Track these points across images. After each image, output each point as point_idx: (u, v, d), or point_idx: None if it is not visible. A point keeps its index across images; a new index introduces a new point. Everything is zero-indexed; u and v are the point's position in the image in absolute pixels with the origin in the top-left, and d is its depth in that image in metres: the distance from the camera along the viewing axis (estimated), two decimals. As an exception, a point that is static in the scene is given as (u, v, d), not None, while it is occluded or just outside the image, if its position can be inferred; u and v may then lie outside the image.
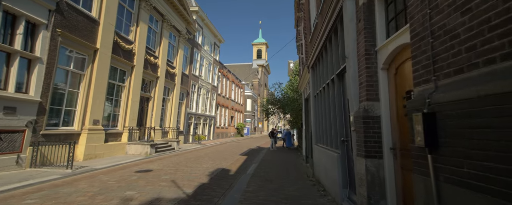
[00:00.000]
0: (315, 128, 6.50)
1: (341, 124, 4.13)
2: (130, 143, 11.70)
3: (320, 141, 5.88)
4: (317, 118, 6.22)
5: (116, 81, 11.44)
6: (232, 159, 10.71)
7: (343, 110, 4.14)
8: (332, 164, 4.33)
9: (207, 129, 24.90)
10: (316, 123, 6.46)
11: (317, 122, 6.25)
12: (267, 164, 9.19)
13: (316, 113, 6.44)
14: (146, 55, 13.54)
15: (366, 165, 2.69)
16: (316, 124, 6.46)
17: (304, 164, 9.31)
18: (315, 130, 6.46)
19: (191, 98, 21.23)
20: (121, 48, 11.43)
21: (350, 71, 3.24)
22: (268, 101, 18.39)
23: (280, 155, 12.93)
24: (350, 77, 3.21)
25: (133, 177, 6.46)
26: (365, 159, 2.72)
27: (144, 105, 14.00)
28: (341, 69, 3.98)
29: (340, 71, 4.07)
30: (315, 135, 6.45)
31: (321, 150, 5.49)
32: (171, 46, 16.97)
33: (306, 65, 7.07)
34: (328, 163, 4.66)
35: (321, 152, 5.45)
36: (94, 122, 9.73)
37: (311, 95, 6.96)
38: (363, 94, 2.88)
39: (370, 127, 2.75)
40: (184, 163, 9.13)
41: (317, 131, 6.33)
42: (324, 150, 5.13)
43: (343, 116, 4.11)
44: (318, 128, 6.14)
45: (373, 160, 2.69)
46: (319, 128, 6.02)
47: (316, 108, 6.34)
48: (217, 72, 27.91)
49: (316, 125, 6.45)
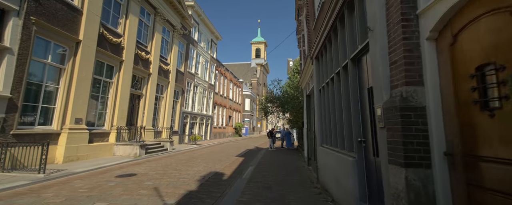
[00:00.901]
0: (320, 127, 5.67)
1: (357, 121, 3.31)
2: (118, 143, 10.84)
3: (327, 142, 5.05)
4: (323, 115, 5.40)
5: (103, 77, 10.57)
6: (227, 161, 9.87)
7: (359, 103, 3.32)
8: (344, 171, 3.51)
9: (203, 129, 24.04)
10: (321, 121, 5.63)
11: (323, 120, 5.42)
12: (265, 167, 8.36)
13: (321, 110, 5.61)
14: (137, 50, 12.68)
15: (406, 177, 1.87)
16: (321, 123, 5.63)
17: (306, 166, 8.48)
18: (320, 130, 5.63)
19: (187, 97, 20.37)
20: (108, 41, 10.57)
21: (375, 48, 2.43)
22: (266, 99, 17.50)
23: (279, 156, 12.10)
24: (376, 56, 2.40)
25: (110, 183, 5.61)
26: (404, 168, 1.90)
27: (135, 103, 13.14)
28: (358, 51, 3.16)
29: (357, 53, 3.26)
30: (320, 135, 5.62)
31: (329, 152, 4.66)
32: (164, 41, 16.11)
33: (309, 56, 6.25)
34: (338, 169, 3.83)
35: (329, 155, 4.63)
36: (77, 121, 8.87)
37: (314, 90, 6.13)
38: (399, 77, 2.06)
39: (412, 123, 1.93)
40: (174, 165, 8.28)
41: (322, 130, 5.50)
42: (333, 153, 4.30)
43: (359, 110, 3.29)
44: (324, 127, 5.31)
45: (418, 170, 1.87)
46: (326, 127, 5.19)
47: (321, 104, 5.51)
48: (214, 70, 27.06)
49: (321, 124, 5.62)
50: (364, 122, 3.15)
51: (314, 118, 7.50)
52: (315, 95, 5.97)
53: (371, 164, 2.99)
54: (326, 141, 5.16)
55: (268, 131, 16.88)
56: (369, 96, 2.95)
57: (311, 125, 8.33)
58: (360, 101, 3.28)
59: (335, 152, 4.15)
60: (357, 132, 3.18)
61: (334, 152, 4.27)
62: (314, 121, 7.50)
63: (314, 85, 6.14)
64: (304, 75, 8.72)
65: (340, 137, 3.98)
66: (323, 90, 5.39)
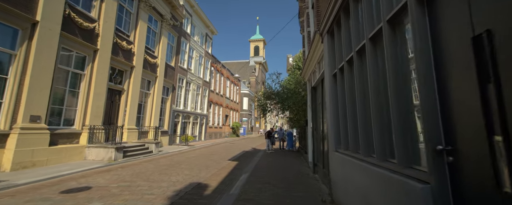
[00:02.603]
0: (333, 126, 4.13)
1: (432, 113, 1.72)
2: (91, 146, 9.28)
3: (348, 146, 3.51)
4: (340, 109, 3.86)
5: (71, 68, 9.00)
6: (217, 167, 8.32)
7: (434, 80, 1.74)
8: (396, 201, 1.96)
9: (198, 129, 22.47)
10: (335, 117, 4.10)
11: (340, 116, 3.88)
12: (261, 175, 6.83)
13: (336, 102, 4.08)
14: (116, 39, 11.11)
15: None
16: (335, 120, 4.09)
17: (311, 174, 6.94)
18: (334, 129, 4.09)
19: (178, 94, 18.80)
20: (78, 25, 9.00)
21: None
22: (264, 95, 15.82)
23: (278, 160, 10.56)
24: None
25: (45, 203, 4.05)
26: None
27: (114, 99, 11.58)
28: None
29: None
30: (334, 136, 4.08)
31: (351, 163, 3.13)
32: (151, 32, 14.54)
33: (318, 31, 4.72)
34: (378, 194, 2.29)
35: (352, 167, 3.09)
36: (33, 118, 7.31)
37: (326, 77, 4.59)
38: None
39: None
40: (149, 173, 6.73)
41: (338, 130, 3.96)
42: (361, 165, 2.77)
43: (435, 94, 1.71)
44: (341, 125, 3.76)
45: None
46: (345, 125, 3.65)
47: (338, 93, 3.97)
48: (210, 67, 25.48)
49: (336, 121, 4.08)
50: (450, 117, 1.59)
51: (322, 114, 5.95)
52: (327, 84, 4.42)
53: (469, 198, 1.43)
54: (346, 145, 3.62)
55: (266, 131, 15.33)
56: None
57: (318, 124, 6.79)
58: (437, 77, 1.72)
59: (367, 165, 2.61)
60: (433, 133, 1.63)
61: (363, 163, 2.73)
62: (322, 119, 5.96)
63: (325, 70, 4.60)
64: (308, 64, 7.18)
65: (379, 141, 2.44)
66: (340, 74, 3.84)
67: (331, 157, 4.21)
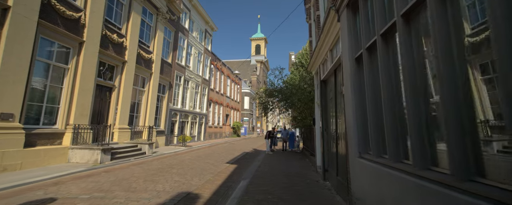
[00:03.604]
0: (358, 123, 3.19)
1: None
2: (75, 147, 8.41)
3: (382, 151, 2.57)
4: (368, 100, 2.91)
5: (52, 61, 8.11)
6: (213, 171, 7.42)
7: None
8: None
9: (196, 129, 21.58)
10: (362, 112, 3.16)
11: (367, 110, 2.94)
12: (262, 182, 5.91)
13: (362, 92, 3.15)
14: (105, 31, 10.23)
15: None
16: (361, 115, 3.16)
17: (321, 181, 6.00)
18: (359, 128, 3.15)
19: (176, 92, 17.91)
20: (60, 14, 8.12)
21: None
22: (266, 92, 14.77)
23: (281, 164, 9.64)
24: None
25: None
26: None
27: (103, 96, 10.69)
28: None
29: None
30: (359, 137, 3.14)
31: (398, 180, 2.16)
32: (146, 25, 13.65)
33: (333, 7, 3.79)
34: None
35: (399, 187, 2.13)
36: (3, 116, 6.44)
37: (345, 63, 3.65)
38: None
39: None
40: (133, 180, 5.82)
41: (365, 129, 3.03)
42: (416, 183, 1.83)
43: None
44: (371, 122, 2.81)
45: None
46: (378, 121, 2.71)
47: (365, 80, 3.03)
48: (209, 64, 24.58)
49: (362, 117, 3.15)
50: None
51: (335, 111, 5.02)
52: (348, 71, 3.48)
53: None
54: (377, 149, 2.68)
55: (267, 131, 14.39)
56: None
57: (328, 123, 5.85)
58: None
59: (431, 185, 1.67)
60: None
61: (423, 182, 1.79)
62: (335, 116, 5.02)
63: (344, 55, 3.67)
64: (317, 53, 6.24)
65: (456, 146, 1.50)
66: (369, 55, 2.90)
67: (354, 165, 3.28)
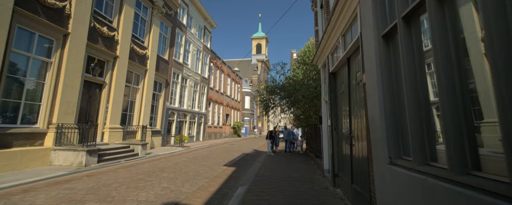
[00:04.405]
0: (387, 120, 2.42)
1: None
2: (58, 148, 7.68)
3: (448, 161, 1.79)
4: (405, 87, 2.13)
5: (32, 53, 7.38)
6: (208, 176, 6.66)
7: None
8: None
9: (195, 129, 20.83)
10: (391, 103, 2.39)
11: (406, 100, 2.16)
12: (263, 189, 5.15)
13: (393, 77, 2.38)
14: (94, 22, 9.50)
15: None
16: (392, 107, 2.39)
17: (331, 188, 5.23)
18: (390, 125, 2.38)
19: (173, 90, 17.18)
20: (40, 2, 7.43)
21: None
22: (267, 88, 13.86)
23: (284, 166, 8.87)
24: None
25: None
26: None
27: (93, 94, 9.96)
28: None
29: None
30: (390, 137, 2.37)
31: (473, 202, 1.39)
32: (140, 19, 12.93)
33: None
34: None
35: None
36: (-29, 114, 5.70)
37: (369, 43, 2.85)
38: None
39: None
40: (115, 187, 5.07)
41: (399, 125, 2.26)
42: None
43: None
44: (410, 116, 2.04)
45: None
46: (421, 113, 1.94)
47: (401, 61, 2.25)
48: (209, 62, 23.84)
49: (392, 109, 2.38)
50: None
51: (349, 106, 4.24)
52: (373, 52, 2.68)
53: None
54: (420, 155, 1.91)
55: (268, 131, 13.62)
56: None
57: (339, 121, 5.09)
58: None
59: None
60: None
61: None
62: (349, 112, 4.25)
63: (365, 35, 2.90)
64: (326, 41, 5.47)
65: None
66: (404, 28, 2.13)
67: (381, 173, 2.51)
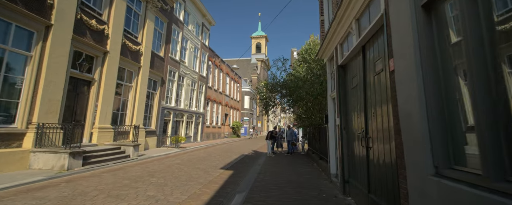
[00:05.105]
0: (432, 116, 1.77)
1: None
2: (38, 150, 7.01)
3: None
4: (468, 70, 1.47)
5: (8, 46, 6.71)
6: (202, 181, 5.99)
7: None
8: None
9: (192, 129, 20.16)
10: (440, 94, 1.74)
11: (473, 88, 1.49)
12: (263, 197, 4.51)
13: (438, 62, 1.71)
14: (81, 14, 8.82)
15: None
16: (437, 99, 1.73)
17: (340, 196, 4.56)
18: (436, 124, 1.74)
19: (169, 89, 16.51)
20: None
21: None
22: (267, 86, 13.14)
23: (286, 170, 8.20)
24: None
25: None
26: None
27: (80, 91, 9.29)
28: None
29: None
30: (435, 140, 1.72)
31: None
32: (133, 13, 12.25)
33: None
34: None
35: None
36: None
37: (396, 16, 2.24)
38: None
39: None
40: (92, 196, 4.39)
41: (455, 124, 1.60)
42: None
43: None
44: (486, 111, 1.39)
45: None
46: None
47: (451, 37, 1.59)
48: (207, 60, 23.16)
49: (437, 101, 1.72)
50: None
51: (364, 102, 3.57)
52: (411, 29, 2.02)
53: None
54: (494, 166, 1.28)
55: (269, 131, 12.94)
56: None
57: (349, 119, 4.42)
58: None
59: None
60: None
61: None
62: (364, 109, 3.58)
63: (394, 5, 2.26)
64: (333, 31, 4.80)
65: None
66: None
67: (421, 187, 1.84)
